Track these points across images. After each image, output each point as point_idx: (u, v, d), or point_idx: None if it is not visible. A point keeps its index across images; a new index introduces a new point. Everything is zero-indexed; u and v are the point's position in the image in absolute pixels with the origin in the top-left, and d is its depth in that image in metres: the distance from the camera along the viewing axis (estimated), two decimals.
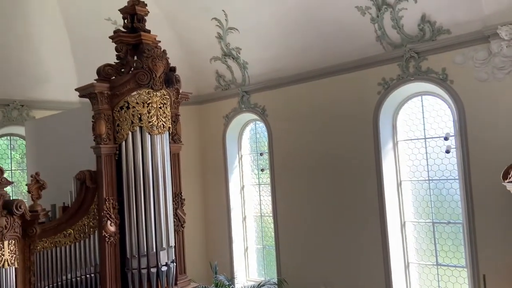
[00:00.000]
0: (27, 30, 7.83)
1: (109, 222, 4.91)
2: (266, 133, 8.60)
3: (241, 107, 8.83)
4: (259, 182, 9.18)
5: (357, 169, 7.18)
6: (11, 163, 8.68)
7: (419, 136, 7.01)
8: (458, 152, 6.36)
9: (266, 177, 8.86)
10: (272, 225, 8.53)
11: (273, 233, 8.51)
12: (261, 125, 8.96)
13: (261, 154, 9.05)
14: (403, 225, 7.03)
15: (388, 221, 6.86)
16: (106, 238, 4.90)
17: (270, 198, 8.52)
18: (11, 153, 8.73)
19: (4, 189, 4.20)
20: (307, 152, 7.84)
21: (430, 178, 6.91)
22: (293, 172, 8.06)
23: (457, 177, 6.53)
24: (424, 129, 6.96)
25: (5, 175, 4.24)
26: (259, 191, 9.17)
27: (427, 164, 6.94)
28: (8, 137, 8.62)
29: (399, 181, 7.07)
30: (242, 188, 9.31)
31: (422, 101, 6.95)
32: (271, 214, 8.59)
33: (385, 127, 7.04)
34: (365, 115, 7.05)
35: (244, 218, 9.27)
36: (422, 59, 6.47)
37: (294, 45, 7.60)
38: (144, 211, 5.07)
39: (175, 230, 5.49)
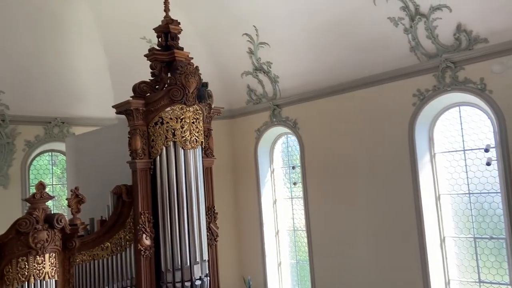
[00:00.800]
0: (67, 49, 8.20)
1: (144, 235, 4.99)
2: (298, 147, 8.55)
3: (273, 120, 8.85)
4: (291, 195, 9.11)
5: (393, 183, 7.00)
6: (52, 178, 9.03)
7: (458, 148, 6.77)
8: (499, 164, 6.08)
9: (298, 190, 8.78)
10: (305, 240, 8.42)
11: (306, 248, 8.39)
12: (292, 139, 8.93)
13: (293, 168, 9.00)
14: (442, 241, 6.75)
15: (427, 236, 6.61)
16: (142, 252, 4.97)
17: (303, 212, 8.43)
18: (52, 168, 9.08)
19: (46, 203, 4.36)
20: (340, 165, 7.72)
21: (471, 192, 6.63)
22: (326, 185, 7.95)
23: (499, 190, 6.23)
24: (463, 140, 6.71)
25: (46, 190, 4.40)
26: (292, 205, 9.09)
27: (467, 177, 6.67)
28: (50, 153, 8.98)
29: (437, 195, 6.83)
30: (275, 202, 9.27)
31: (460, 112, 6.72)
32: (304, 228, 8.48)
33: (422, 139, 6.84)
34: (400, 127, 6.89)
35: (277, 232, 9.20)
36: (459, 69, 6.28)
37: (325, 58, 7.57)
38: (178, 225, 5.12)
39: (208, 244, 5.51)
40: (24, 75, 7.95)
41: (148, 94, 5.35)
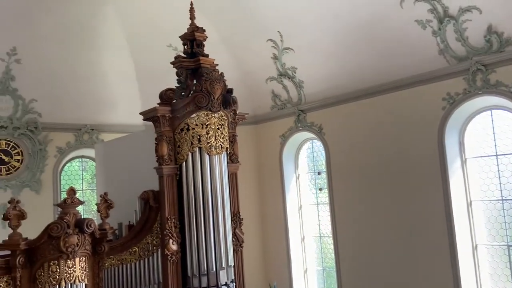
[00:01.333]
0: (97, 58, 8.43)
1: (171, 240, 5.04)
2: (323, 152, 8.48)
3: (298, 126, 8.81)
4: (317, 201, 9.02)
5: (422, 189, 6.83)
6: (82, 183, 9.27)
7: (490, 153, 6.55)
8: None
9: (324, 196, 8.69)
10: (332, 246, 8.31)
11: (333, 255, 8.27)
12: (318, 144, 8.86)
13: (318, 173, 8.92)
14: (474, 248, 6.53)
15: (458, 244, 6.41)
16: (168, 257, 5.02)
17: (329, 218, 8.33)
18: (82, 174, 9.33)
19: (76, 208, 4.46)
20: (367, 171, 7.60)
21: (504, 198, 6.39)
22: (352, 191, 7.84)
23: None
24: (495, 145, 6.50)
25: (77, 195, 4.50)
26: (318, 211, 9.00)
27: (500, 183, 6.44)
28: (80, 159, 9.23)
29: (469, 201, 6.62)
30: (300, 207, 9.20)
31: (491, 115, 6.52)
32: (330, 235, 8.37)
33: (452, 144, 6.66)
34: (429, 132, 6.73)
35: (303, 239, 9.12)
36: (490, 72, 6.09)
37: (351, 62, 7.50)
38: (204, 230, 5.15)
39: (234, 250, 5.51)
40: (56, 84, 8.22)
41: (174, 101, 5.42)
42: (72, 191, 4.39)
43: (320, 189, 8.74)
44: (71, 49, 8.06)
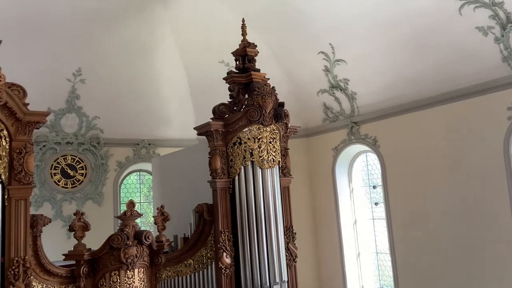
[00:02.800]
0: (154, 76, 8.80)
1: (224, 254, 5.07)
2: (378, 165, 8.21)
3: (351, 138, 8.63)
4: (373, 216, 8.72)
5: (487, 204, 6.39)
6: (140, 196, 9.64)
7: None
8: None
9: (380, 211, 8.39)
10: (389, 263, 7.97)
11: (391, 272, 7.92)
12: (373, 157, 8.61)
13: (374, 187, 8.64)
14: None
15: None
16: (222, 270, 5.05)
17: (386, 234, 8.01)
18: (140, 187, 9.71)
19: (135, 220, 4.63)
20: (426, 185, 7.25)
21: None
22: (411, 206, 7.50)
23: None
24: None
25: (135, 208, 4.68)
26: (374, 226, 8.69)
27: None
28: (138, 173, 9.63)
29: None
30: (355, 222, 8.94)
31: None
32: (388, 251, 8.04)
33: None
34: (493, 144, 6.31)
35: (358, 255, 8.83)
36: None
37: (406, 72, 7.25)
38: (257, 244, 5.13)
39: (287, 265, 5.44)
40: (116, 102, 8.67)
41: (227, 115, 5.51)
42: (131, 204, 4.57)
43: (376, 204, 8.45)
44: (130, 67, 8.48)
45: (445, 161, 6.97)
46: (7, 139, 3.90)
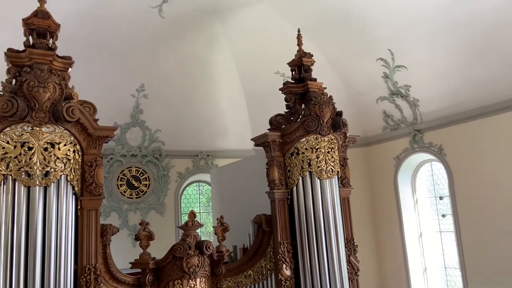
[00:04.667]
0: (210, 88, 9.05)
1: (284, 265, 5.01)
2: (445, 175, 7.76)
3: (414, 147, 8.24)
4: (440, 229, 8.23)
5: None
6: (199, 206, 9.87)
7: None
8: None
9: (448, 223, 7.90)
10: (459, 279, 7.45)
11: None
12: (438, 166, 8.16)
13: (440, 198, 8.17)
14: None
15: None
16: (282, 282, 4.99)
17: (455, 247, 7.51)
18: (199, 197, 9.94)
19: (196, 230, 4.72)
20: (498, 195, 6.73)
21: None
22: (482, 218, 6.99)
23: None
24: None
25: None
26: (441, 239, 8.19)
27: None
28: (197, 183, 9.88)
29: None
30: (420, 235, 8.48)
31: None
32: (457, 266, 7.53)
33: None
34: None
35: (425, 269, 8.35)
36: None
37: (473, 76, 6.83)
38: (317, 256, 5.03)
39: (349, 278, 5.26)
40: (177, 115, 9.00)
41: (284, 126, 5.50)
42: (192, 215, 4.68)
43: (443, 216, 7.97)
44: (188, 82, 8.78)
45: None
46: (79, 153, 4.17)
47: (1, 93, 3.93)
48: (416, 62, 7.50)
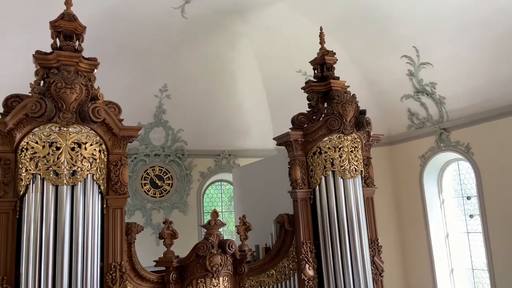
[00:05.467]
0: (233, 88, 9.06)
1: (307, 265, 4.98)
2: (473, 174, 7.54)
3: (440, 145, 8.04)
4: (467, 230, 8.01)
5: None
6: (221, 205, 9.91)
7: None
8: None
9: (476, 224, 7.68)
10: (487, 281, 7.24)
11: None
12: (465, 165, 7.94)
13: (468, 198, 7.95)
14: None
15: None
16: (305, 282, 4.96)
17: (483, 248, 7.30)
18: (221, 197, 9.98)
19: (218, 229, 4.74)
20: None
21: None
22: (510, 218, 6.76)
23: None
24: None
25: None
26: (469, 240, 7.97)
27: None
28: (219, 183, 9.92)
29: None
30: (447, 236, 8.28)
31: None
32: (485, 267, 7.32)
33: None
34: None
35: (451, 271, 8.15)
36: None
37: (501, 73, 6.61)
38: (341, 256, 4.98)
39: (373, 279, 5.19)
40: (199, 115, 9.05)
41: (306, 125, 5.46)
42: (215, 214, 4.70)
43: (471, 216, 7.75)
44: (210, 81, 8.82)
45: None
46: (105, 152, 4.25)
47: (30, 94, 4.04)
48: (442, 59, 7.32)
